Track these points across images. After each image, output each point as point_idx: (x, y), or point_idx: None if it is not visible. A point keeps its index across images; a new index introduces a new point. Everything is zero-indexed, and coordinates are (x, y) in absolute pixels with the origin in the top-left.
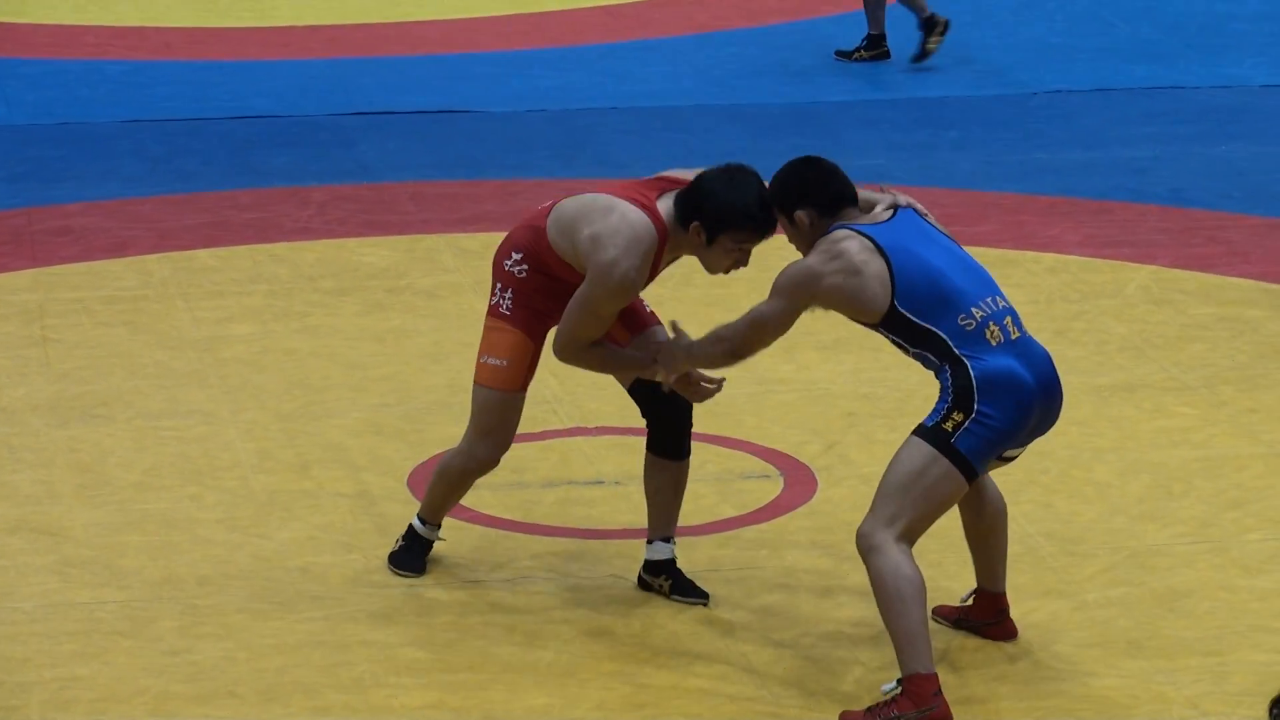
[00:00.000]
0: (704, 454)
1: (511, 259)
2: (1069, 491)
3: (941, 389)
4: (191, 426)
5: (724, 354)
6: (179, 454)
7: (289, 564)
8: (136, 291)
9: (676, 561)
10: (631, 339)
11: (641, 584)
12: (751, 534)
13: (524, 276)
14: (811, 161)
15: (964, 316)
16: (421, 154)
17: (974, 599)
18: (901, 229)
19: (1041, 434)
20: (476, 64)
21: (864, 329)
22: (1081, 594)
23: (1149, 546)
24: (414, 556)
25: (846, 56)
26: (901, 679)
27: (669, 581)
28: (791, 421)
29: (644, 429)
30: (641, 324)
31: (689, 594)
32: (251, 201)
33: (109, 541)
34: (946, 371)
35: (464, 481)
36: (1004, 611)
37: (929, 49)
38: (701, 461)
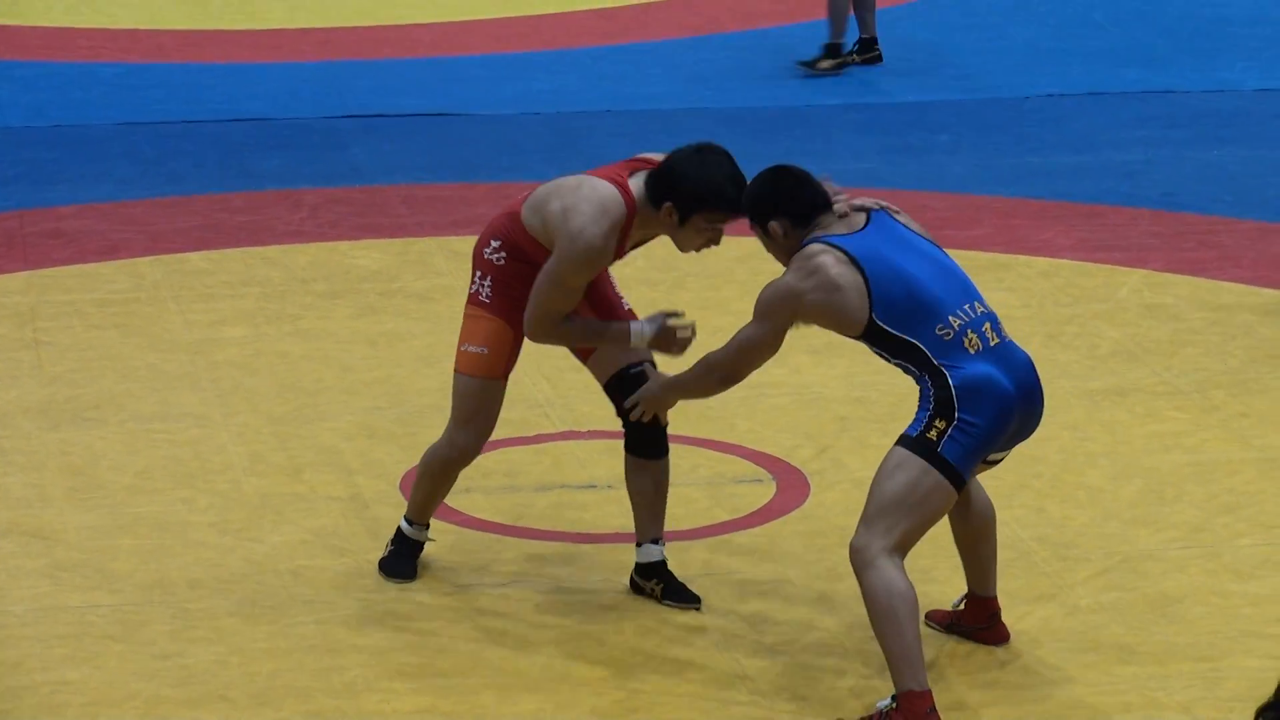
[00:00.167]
0: (696, 458)
1: (490, 246)
2: (1061, 496)
3: (922, 397)
4: (183, 429)
5: (717, 381)
6: (171, 457)
7: (281, 568)
8: (128, 294)
9: (667, 564)
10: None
11: (634, 588)
12: (744, 538)
13: (502, 264)
14: (781, 171)
15: (941, 326)
16: (414, 157)
17: (965, 604)
18: (876, 236)
19: (1023, 439)
20: (469, 67)
21: None
22: (1074, 599)
23: (1141, 551)
24: (403, 561)
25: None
26: (896, 695)
27: (661, 585)
28: (784, 425)
29: None
30: (608, 307)
31: (681, 598)
32: (244, 204)
33: (100, 545)
34: (926, 380)
35: (447, 473)
36: (995, 616)
37: (821, 66)
38: (694, 465)
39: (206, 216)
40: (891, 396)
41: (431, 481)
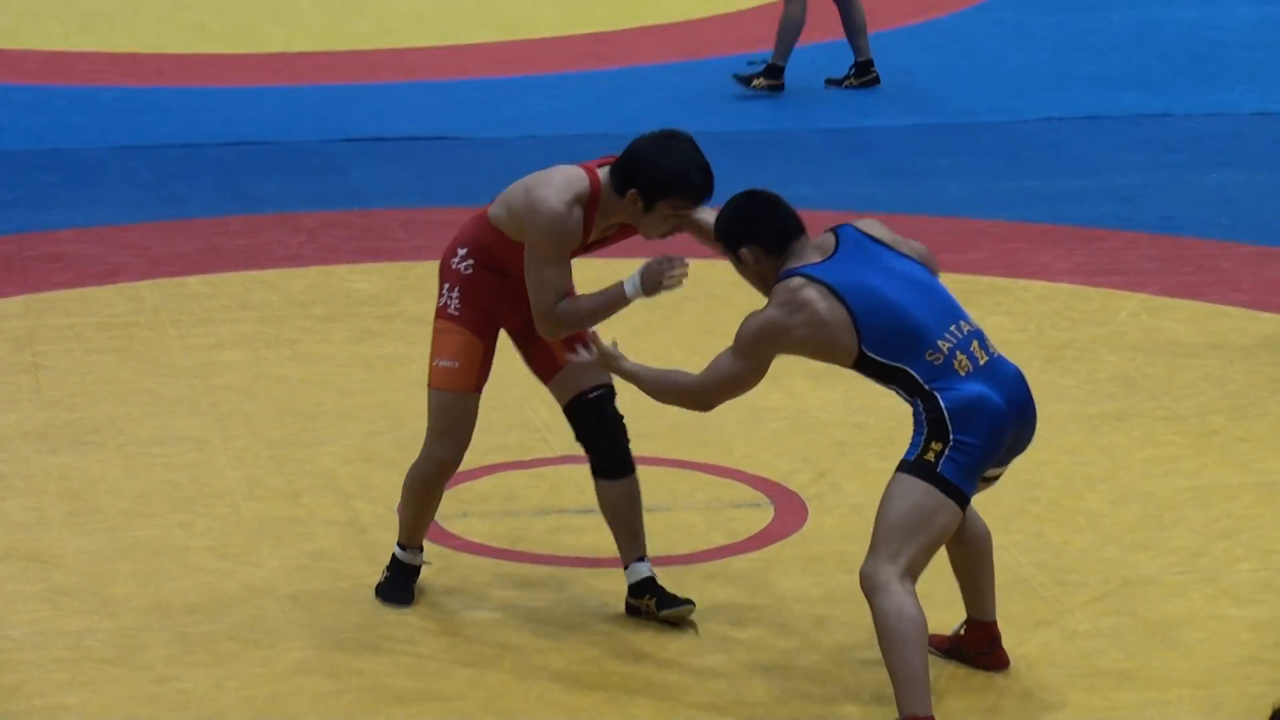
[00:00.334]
0: (694, 482)
1: (458, 255)
2: (1060, 521)
3: (915, 420)
4: (182, 453)
5: (684, 404)
6: (169, 481)
7: (279, 592)
8: (127, 318)
9: (656, 579)
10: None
11: (629, 610)
12: (742, 563)
13: (470, 273)
14: (752, 197)
15: (931, 351)
16: (413, 180)
17: (966, 629)
18: (849, 260)
19: (1019, 453)
20: (468, 90)
21: None
22: (1072, 624)
23: (1140, 576)
24: (399, 587)
25: (836, 84)
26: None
27: (653, 599)
28: (782, 449)
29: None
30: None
31: (675, 604)
32: (242, 228)
33: (99, 569)
34: (918, 403)
35: (430, 489)
36: (996, 641)
37: (752, 83)
38: (691, 490)
39: (205, 240)
40: (890, 421)
41: (416, 501)
